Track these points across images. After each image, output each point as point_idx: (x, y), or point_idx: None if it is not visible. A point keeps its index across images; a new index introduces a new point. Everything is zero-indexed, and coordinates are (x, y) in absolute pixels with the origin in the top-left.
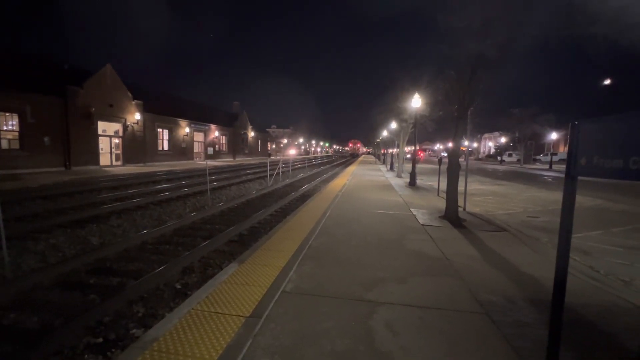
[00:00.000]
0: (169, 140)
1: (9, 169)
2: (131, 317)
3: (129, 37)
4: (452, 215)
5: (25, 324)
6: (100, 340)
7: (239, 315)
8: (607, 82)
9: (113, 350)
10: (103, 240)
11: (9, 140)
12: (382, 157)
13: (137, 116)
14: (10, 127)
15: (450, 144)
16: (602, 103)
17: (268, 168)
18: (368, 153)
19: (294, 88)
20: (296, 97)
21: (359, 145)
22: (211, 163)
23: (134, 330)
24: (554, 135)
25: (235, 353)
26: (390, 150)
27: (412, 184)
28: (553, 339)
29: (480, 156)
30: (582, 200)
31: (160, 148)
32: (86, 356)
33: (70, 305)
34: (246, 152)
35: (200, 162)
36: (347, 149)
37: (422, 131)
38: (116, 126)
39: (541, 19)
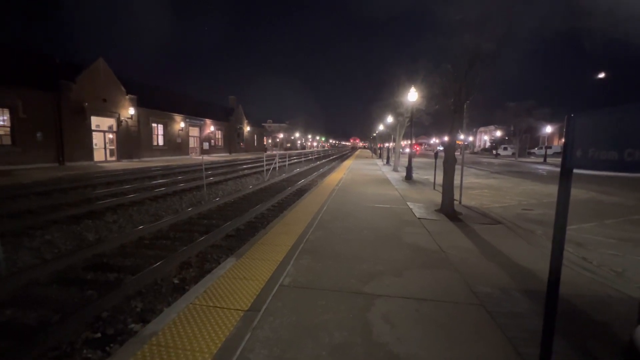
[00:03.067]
0: (164, 135)
1: (2, 165)
2: (129, 312)
3: (121, 30)
4: (448, 209)
5: (22, 320)
6: (99, 335)
7: (238, 309)
8: (602, 75)
9: (112, 345)
10: (99, 236)
11: (1, 136)
12: (378, 152)
13: (131, 111)
14: (1, 123)
15: (446, 138)
16: (598, 96)
17: (264, 163)
18: (364, 147)
19: (290, 83)
20: (292, 92)
21: (357, 140)
22: (207, 158)
23: (133, 325)
24: (548, 129)
25: (234, 346)
26: (386, 145)
27: (408, 177)
28: (547, 329)
29: (475, 150)
30: (577, 192)
31: (155, 143)
32: (85, 351)
33: (68, 301)
34: (242, 146)
35: (195, 157)
36: (347, 143)
37: (418, 125)
38: (110, 121)
39: (538, 12)
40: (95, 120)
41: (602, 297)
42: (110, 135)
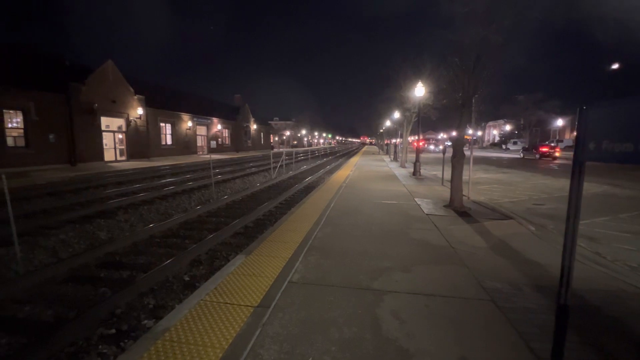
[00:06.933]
0: (172, 134)
1: (16, 167)
2: (142, 308)
3: (127, 30)
4: (456, 204)
5: (40, 316)
6: (113, 331)
7: (247, 305)
8: (615, 66)
9: (126, 340)
10: (111, 235)
11: (14, 137)
12: (385, 148)
13: (140, 111)
14: (14, 125)
15: (454, 133)
16: (610, 88)
17: (272, 161)
18: (371, 143)
19: (296, 81)
20: (298, 89)
21: (366, 138)
22: (214, 156)
23: (146, 321)
24: (559, 122)
25: (244, 342)
26: (393, 141)
27: (416, 173)
28: (560, 324)
29: (484, 144)
30: (589, 186)
31: (163, 142)
32: (100, 346)
33: (83, 299)
34: (249, 145)
35: (203, 156)
36: (354, 140)
37: (425, 120)
38: (119, 121)
39: (545, 2)
40: (105, 121)
41: (615, 291)
42: (120, 136)
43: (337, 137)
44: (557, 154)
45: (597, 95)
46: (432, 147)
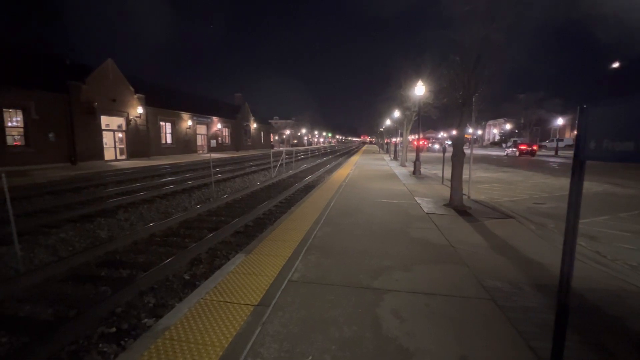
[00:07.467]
0: (172, 133)
1: (16, 166)
2: (142, 307)
3: (128, 29)
4: (457, 203)
5: (40, 315)
6: (114, 330)
7: (247, 304)
8: (616, 65)
9: (126, 339)
10: (112, 234)
11: (14, 136)
12: (385, 147)
13: (140, 110)
14: (15, 124)
15: (454, 132)
16: (611, 86)
17: (271, 159)
18: (371, 142)
19: (296, 80)
20: (299, 88)
21: (366, 137)
22: (214, 155)
23: (146, 320)
24: (560, 121)
25: (244, 340)
26: (393, 140)
27: (416, 172)
28: (560, 323)
29: (484, 143)
30: (589, 185)
31: (163, 141)
32: (101, 345)
33: (83, 297)
34: (249, 144)
35: (203, 155)
36: (354, 139)
37: (426, 119)
38: (119, 120)
39: (547, 1)
40: (105, 120)
41: (616, 291)
42: (120, 134)
43: (338, 136)
44: (534, 151)
45: (598, 94)
46: (436, 146)
